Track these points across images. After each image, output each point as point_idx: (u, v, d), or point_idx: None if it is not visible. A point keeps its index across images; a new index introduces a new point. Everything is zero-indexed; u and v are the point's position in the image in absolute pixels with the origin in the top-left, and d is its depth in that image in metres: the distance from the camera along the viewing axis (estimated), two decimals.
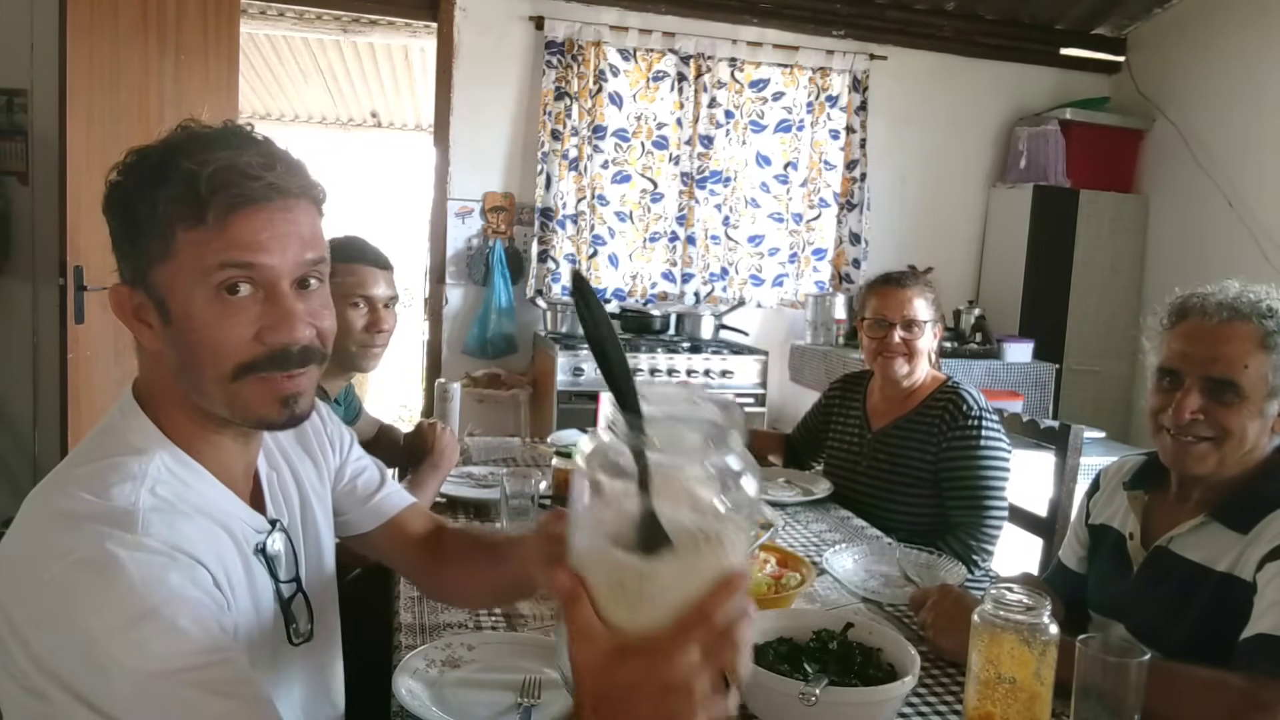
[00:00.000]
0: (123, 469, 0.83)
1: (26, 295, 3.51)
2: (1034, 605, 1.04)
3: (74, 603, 0.74)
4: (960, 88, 4.61)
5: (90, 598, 0.74)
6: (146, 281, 0.85)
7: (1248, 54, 4.09)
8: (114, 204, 0.86)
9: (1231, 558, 1.27)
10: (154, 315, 0.86)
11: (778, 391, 4.33)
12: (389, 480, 1.24)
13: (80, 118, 2.91)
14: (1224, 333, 1.29)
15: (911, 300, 2.15)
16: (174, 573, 0.78)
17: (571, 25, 4.06)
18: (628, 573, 0.62)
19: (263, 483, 1.01)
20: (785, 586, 1.42)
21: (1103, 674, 1.00)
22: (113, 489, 0.81)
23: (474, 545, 1.21)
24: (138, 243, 0.84)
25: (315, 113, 7.12)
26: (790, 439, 2.57)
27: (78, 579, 0.74)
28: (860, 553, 1.70)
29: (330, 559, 1.12)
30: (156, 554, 0.78)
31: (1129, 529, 1.44)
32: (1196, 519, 1.33)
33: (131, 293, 0.87)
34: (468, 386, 3.77)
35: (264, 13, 4.34)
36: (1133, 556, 1.42)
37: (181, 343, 0.85)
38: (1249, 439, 1.30)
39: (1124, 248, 4.56)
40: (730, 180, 4.32)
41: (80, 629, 0.73)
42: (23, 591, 0.76)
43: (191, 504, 0.86)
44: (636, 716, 0.61)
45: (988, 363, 4.09)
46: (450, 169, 4.11)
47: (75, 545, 0.76)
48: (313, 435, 1.14)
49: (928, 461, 2.08)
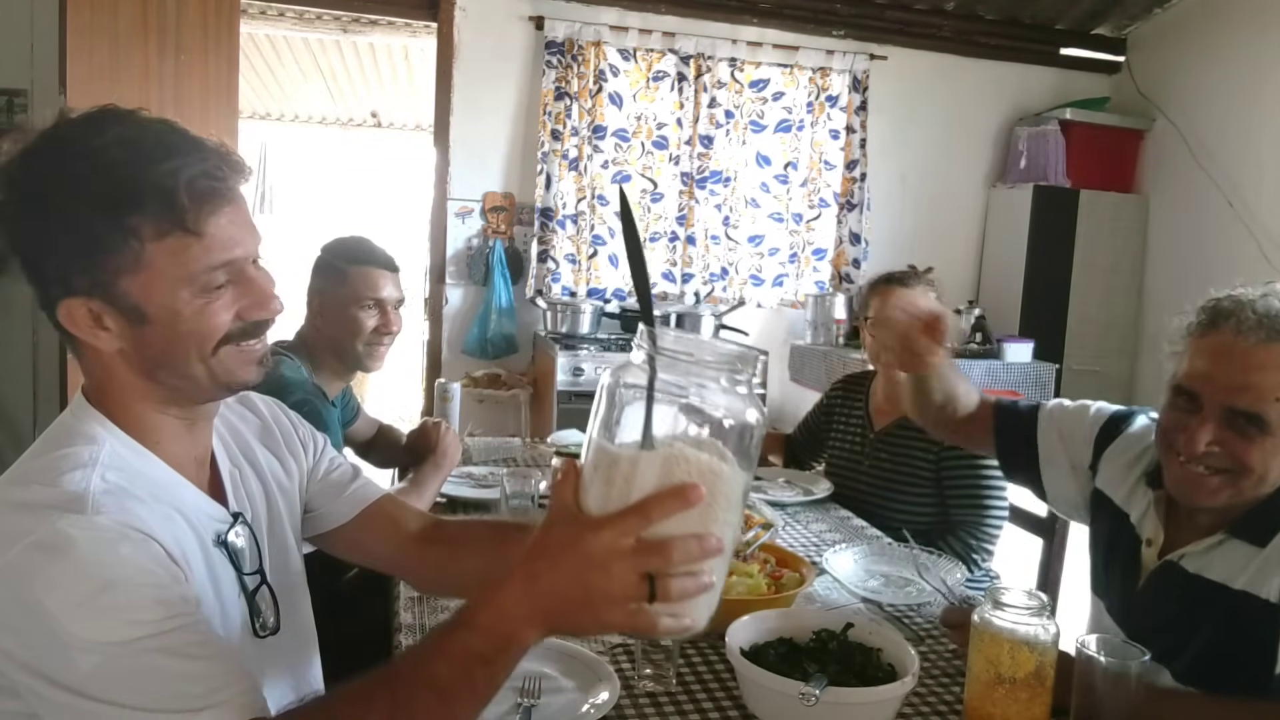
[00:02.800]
0: (73, 458, 0.85)
1: (26, 295, 3.50)
2: (1034, 606, 1.04)
3: (30, 584, 0.75)
4: (960, 88, 4.61)
5: (45, 577, 0.75)
6: (111, 292, 0.85)
7: (1248, 54, 4.09)
8: (46, 224, 0.85)
9: (1250, 574, 1.16)
10: (117, 320, 0.87)
11: (778, 391, 4.33)
12: (363, 475, 1.24)
13: None
14: (1258, 358, 1.11)
15: (917, 300, 2.15)
16: (126, 546, 0.79)
17: (571, 25, 4.06)
18: (603, 455, 0.69)
19: (224, 477, 1.02)
20: (785, 586, 1.42)
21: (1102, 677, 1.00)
22: (63, 477, 0.82)
23: (487, 529, 1.22)
24: (95, 257, 0.84)
25: (315, 113, 7.12)
26: (791, 439, 2.57)
27: (32, 560, 0.75)
28: (860, 553, 1.70)
29: (296, 557, 1.13)
30: (108, 530, 0.79)
31: (1147, 534, 1.31)
32: (1214, 538, 1.20)
33: (88, 303, 0.86)
34: (468, 387, 3.77)
35: (264, 13, 4.34)
36: (1145, 564, 1.30)
37: (160, 337, 0.88)
38: (1270, 477, 1.15)
39: (1124, 248, 4.56)
40: (730, 180, 4.32)
41: (38, 609, 0.74)
42: None
43: (144, 489, 0.87)
44: (555, 578, 0.69)
45: (988, 363, 4.09)
46: (450, 169, 4.11)
47: (28, 529, 0.77)
48: (281, 436, 1.15)
49: (929, 462, 2.09)
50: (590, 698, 1.12)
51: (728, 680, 1.20)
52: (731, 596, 1.35)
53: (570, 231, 4.15)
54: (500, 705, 1.11)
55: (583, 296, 4.17)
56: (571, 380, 3.70)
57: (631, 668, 1.20)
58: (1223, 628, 1.17)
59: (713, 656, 1.27)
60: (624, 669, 1.20)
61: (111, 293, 0.85)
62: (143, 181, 0.83)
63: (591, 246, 4.20)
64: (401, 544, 1.18)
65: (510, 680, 1.15)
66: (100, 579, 0.75)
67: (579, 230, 4.17)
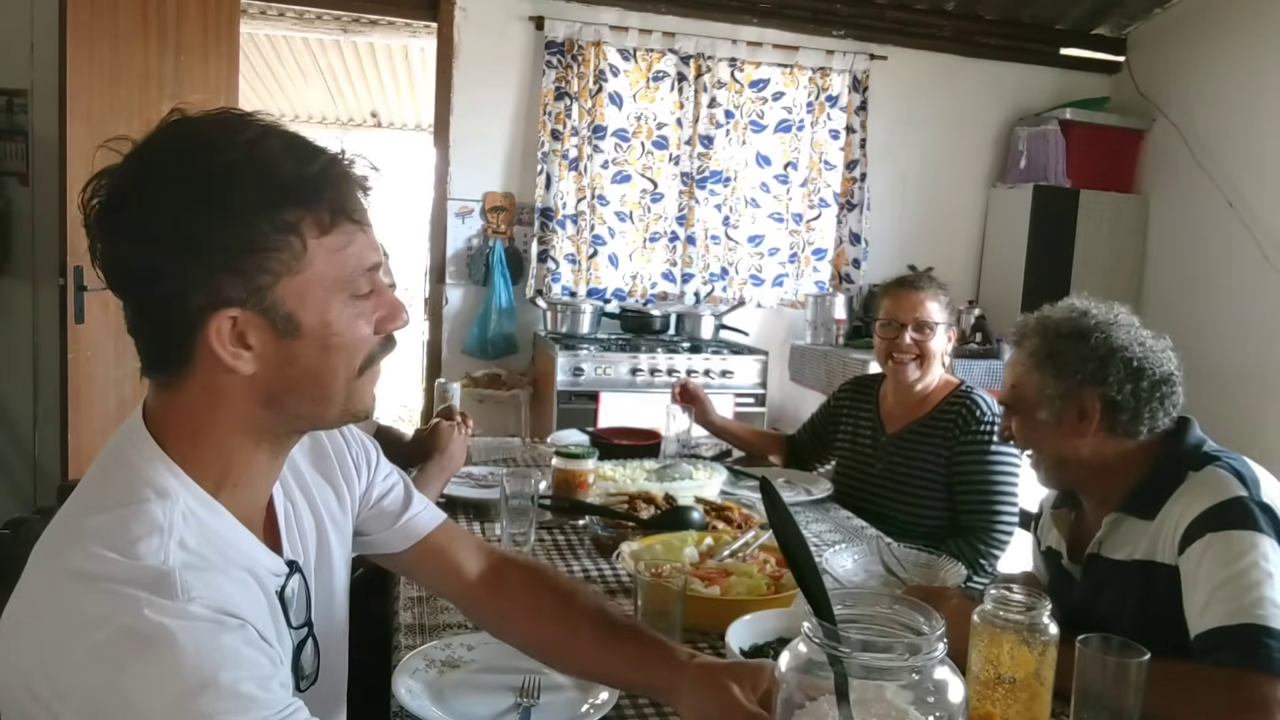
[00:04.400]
0: (145, 518, 0.75)
1: (26, 295, 3.51)
2: (1034, 605, 1.04)
3: (120, 677, 0.67)
4: (960, 88, 4.61)
5: (139, 673, 0.67)
6: (265, 299, 0.77)
7: (1248, 54, 4.09)
8: (201, 225, 0.75)
9: (1146, 544, 1.33)
10: (263, 335, 0.78)
11: (778, 391, 4.33)
12: (416, 498, 1.14)
13: (80, 118, 2.91)
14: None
15: (924, 302, 2.16)
16: (226, 635, 0.71)
17: (571, 25, 4.06)
18: None
19: (279, 518, 0.94)
20: (785, 586, 1.42)
21: (1103, 674, 1.00)
22: (138, 545, 0.73)
23: (552, 595, 1.10)
24: (253, 258, 0.76)
25: (315, 113, 7.12)
26: (794, 440, 2.56)
27: (121, 651, 0.67)
28: (860, 553, 1.70)
29: (343, 598, 1.06)
30: (204, 620, 0.71)
31: (1059, 547, 1.53)
32: (1109, 517, 1.39)
33: (238, 316, 0.77)
34: (468, 386, 3.77)
35: (264, 13, 4.34)
36: (1070, 571, 1.49)
37: (309, 353, 0.80)
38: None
39: (1124, 248, 4.56)
40: (730, 180, 4.32)
41: (130, 706, 0.66)
42: (50, 664, 0.69)
43: (220, 553, 0.79)
44: None
45: (988, 363, 4.08)
46: (450, 169, 4.11)
47: (110, 613, 0.69)
48: (335, 461, 1.05)
49: (940, 466, 2.09)
50: (590, 698, 1.12)
51: None
52: (731, 596, 1.35)
53: (570, 231, 4.15)
54: (500, 705, 1.11)
55: (583, 296, 4.17)
56: (571, 380, 3.70)
57: None
58: (1143, 600, 1.31)
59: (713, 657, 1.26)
60: None
61: (265, 300, 0.77)
62: (306, 174, 0.77)
63: (591, 246, 4.20)
64: (461, 589, 1.13)
65: (510, 680, 1.16)
66: (202, 678, 0.68)
67: (579, 230, 4.17)
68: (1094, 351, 1.38)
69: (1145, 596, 1.31)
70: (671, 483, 1.95)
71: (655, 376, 3.74)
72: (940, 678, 0.62)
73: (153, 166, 0.77)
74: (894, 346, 2.16)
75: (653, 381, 3.72)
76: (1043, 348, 1.42)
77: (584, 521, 1.79)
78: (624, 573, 1.51)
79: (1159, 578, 1.29)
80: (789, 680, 0.64)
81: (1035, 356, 1.43)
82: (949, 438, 2.10)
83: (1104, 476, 1.41)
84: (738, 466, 2.32)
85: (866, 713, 0.61)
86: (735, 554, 1.53)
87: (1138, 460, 1.38)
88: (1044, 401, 1.41)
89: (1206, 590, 1.20)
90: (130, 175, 0.77)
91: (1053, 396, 1.40)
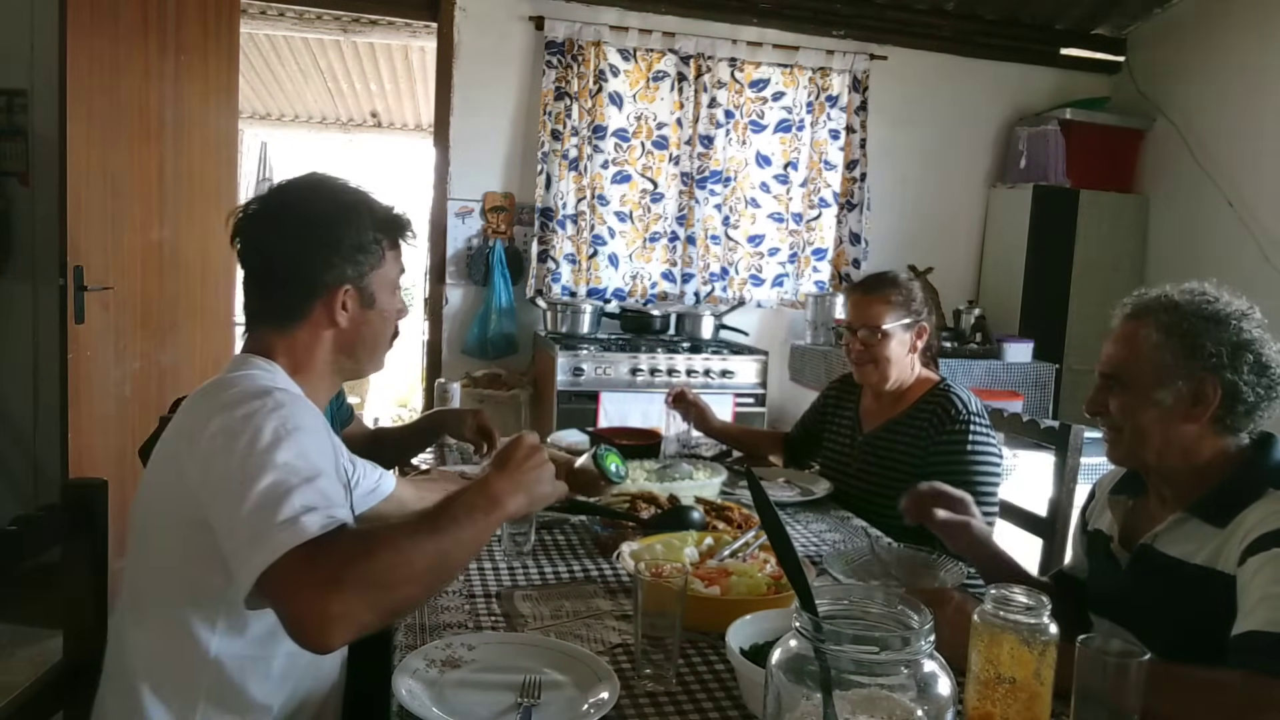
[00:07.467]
0: (257, 377, 1.19)
1: (26, 295, 3.51)
2: (1034, 605, 1.04)
3: (238, 409, 1.09)
4: (960, 88, 4.61)
5: (253, 408, 1.09)
6: (362, 281, 1.27)
7: (1248, 54, 4.09)
8: (340, 232, 1.25)
9: (1209, 551, 1.28)
10: (356, 304, 1.27)
11: (778, 391, 4.33)
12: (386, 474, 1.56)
13: (80, 118, 2.91)
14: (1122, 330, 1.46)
15: (872, 306, 2.14)
16: (310, 416, 1.15)
17: (571, 25, 4.06)
18: None
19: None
20: (785, 586, 1.42)
21: (1103, 674, 1.00)
22: (248, 380, 1.17)
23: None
24: (356, 256, 1.25)
25: (315, 113, 7.12)
26: (789, 437, 2.57)
27: (240, 399, 1.11)
28: (860, 552, 1.70)
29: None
30: (296, 398, 1.17)
31: (1111, 531, 1.49)
32: (1175, 515, 1.35)
33: (349, 289, 1.26)
34: (468, 386, 3.77)
35: (264, 13, 4.34)
36: (1118, 557, 1.45)
37: (374, 321, 1.30)
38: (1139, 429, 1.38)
39: (1124, 248, 4.56)
40: (730, 180, 4.32)
41: (243, 422, 1.07)
42: (190, 428, 1.12)
43: (304, 405, 1.17)
44: None
45: (988, 363, 4.09)
46: (450, 169, 4.11)
47: (236, 400, 1.11)
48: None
49: (915, 463, 2.07)
50: (590, 697, 1.12)
51: (728, 680, 1.20)
52: (731, 596, 1.35)
53: (570, 231, 4.15)
54: (500, 705, 1.11)
55: (583, 296, 4.17)
56: (571, 380, 3.70)
57: (631, 668, 1.21)
58: (1193, 604, 1.27)
59: (713, 656, 1.27)
60: (624, 669, 1.20)
61: (363, 283, 1.27)
62: (380, 211, 1.30)
63: (591, 246, 4.20)
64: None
65: (510, 680, 1.16)
66: (293, 424, 1.09)
67: (579, 230, 4.17)
68: (1228, 338, 1.31)
69: (1197, 603, 1.27)
70: (671, 483, 1.95)
71: (655, 376, 3.75)
72: (929, 670, 0.62)
73: (302, 194, 1.27)
74: (849, 350, 2.17)
75: (653, 381, 3.73)
76: (1178, 325, 1.33)
77: (584, 520, 1.79)
78: (624, 573, 1.51)
79: (1217, 587, 1.24)
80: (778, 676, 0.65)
81: (1166, 333, 1.34)
82: (923, 435, 2.08)
83: (1187, 471, 1.35)
84: (737, 466, 2.32)
85: (868, 712, 0.61)
86: (735, 554, 1.53)
87: (1223, 463, 1.34)
88: (1165, 379, 1.33)
89: (1256, 597, 1.17)
90: (286, 196, 1.27)
91: (1176, 376, 1.32)
